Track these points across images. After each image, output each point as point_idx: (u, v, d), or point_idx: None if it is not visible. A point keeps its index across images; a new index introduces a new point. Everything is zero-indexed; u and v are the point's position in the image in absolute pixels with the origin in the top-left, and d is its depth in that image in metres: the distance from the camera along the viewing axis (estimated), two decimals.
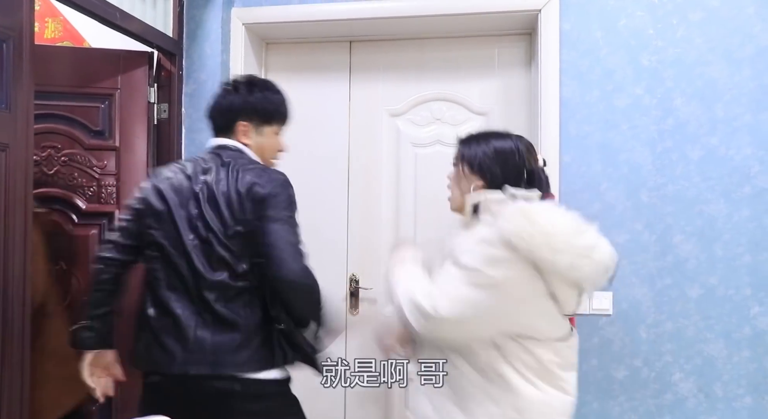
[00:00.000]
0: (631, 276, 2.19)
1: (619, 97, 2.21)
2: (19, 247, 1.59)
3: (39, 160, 2.19)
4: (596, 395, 2.21)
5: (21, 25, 1.59)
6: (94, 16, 1.90)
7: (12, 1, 1.57)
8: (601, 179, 2.21)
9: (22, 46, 1.60)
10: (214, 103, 1.76)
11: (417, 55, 2.59)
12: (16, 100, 1.58)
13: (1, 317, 1.53)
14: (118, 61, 2.27)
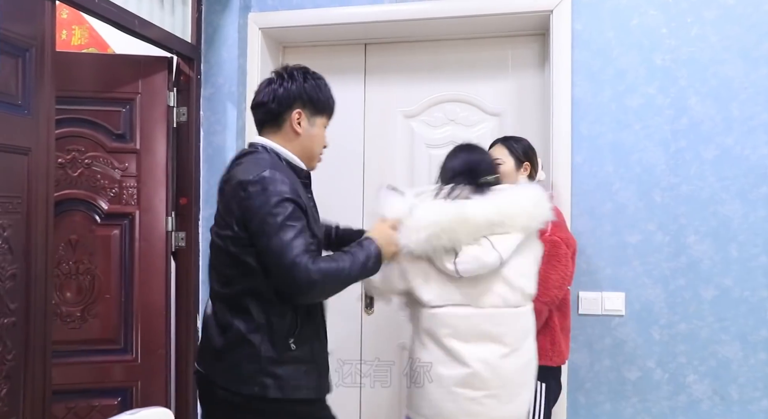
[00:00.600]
0: (643, 276, 2.18)
1: (632, 96, 2.20)
2: (41, 247, 1.67)
3: (64, 162, 2.27)
4: (608, 395, 2.20)
5: (43, 35, 1.67)
6: (114, 24, 1.97)
7: (34, 11, 1.64)
8: (614, 179, 2.21)
9: (44, 55, 1.67)
10: (266, 92, 1.60)
11: (431, 57, 2.61)
12: (37, 106, 1.65)
13: (24, 314, 1.61)
14: (139, 67, 2.34)
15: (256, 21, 2.52)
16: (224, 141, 2.44)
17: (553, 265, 1.82)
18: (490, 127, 2.55)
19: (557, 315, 1.91)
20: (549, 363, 1.86)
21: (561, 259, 1.84)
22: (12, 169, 1.58)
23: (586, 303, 2.21)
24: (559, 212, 1.98)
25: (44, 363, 1.68)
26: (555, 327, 1.89)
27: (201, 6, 2.44)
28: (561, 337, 1.91)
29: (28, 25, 1.63)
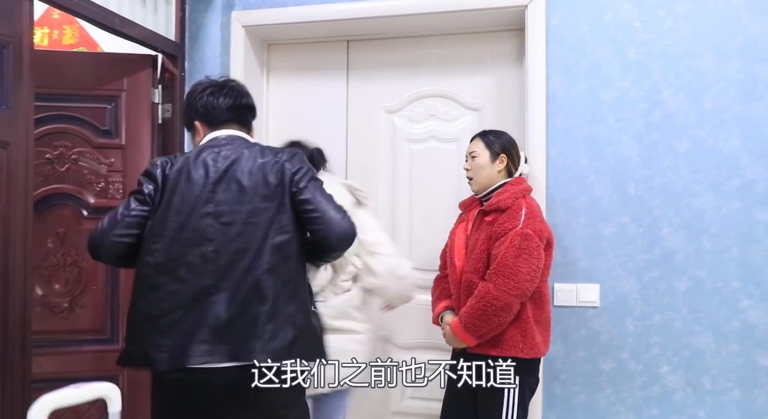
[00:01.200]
0: (618, 268, 2.20)
1: (606, 90, 2.22)
2: (20, 239, 1.73)
3: (52, 157, 2.32)
4: (583, 387, 2.23)
5: (21, 33, 1.73)
6: (94, 23, 2.03)
7: (11, 10, 1.70)
8: (588, 172, 2.23)
9: (22, 52, 1.73)
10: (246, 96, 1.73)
11: (412, 53, 2.64)
12: (16, 101, 1.71)
13: (2, 308, 1.67)
14: (124, 65, 2.40)
15: (239, 19, 2.57)
16: None
17: (524, 259, 1.84)
18: (470, 121, 2.58)
19: (531, 307, 1.92)
20: (520, 354, 1.86)
21: (532, 252, 1.86)
22: None
23: (562, 294, 2.24)
24: (534, 203, 1.99)
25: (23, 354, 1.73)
26: (528, 319, 1.90)
27: (185, 5, 2.49)
28: (535, 330, 1.91)
29: (6, 23, 1.68)
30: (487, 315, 1.85)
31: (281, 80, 2.80)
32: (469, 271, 1.94)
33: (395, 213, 2.63)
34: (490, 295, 1.83)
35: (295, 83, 2.78)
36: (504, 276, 1.83)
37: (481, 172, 2.01)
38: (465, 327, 1.89)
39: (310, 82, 2.75)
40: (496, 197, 1.96)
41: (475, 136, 2.09)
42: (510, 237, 1.85)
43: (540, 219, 1.95)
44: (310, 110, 2.75)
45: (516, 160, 2.05)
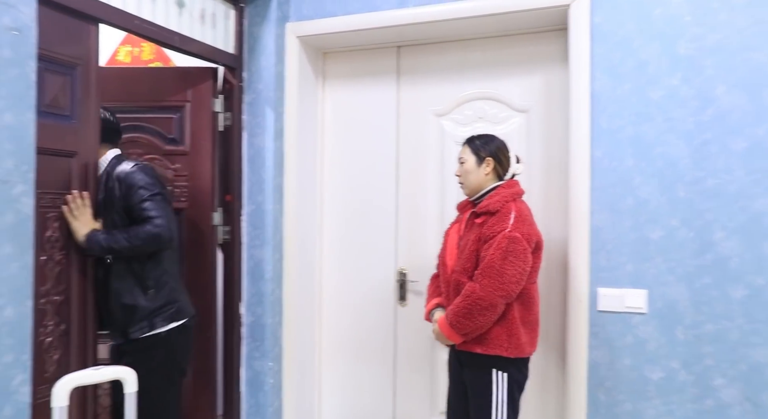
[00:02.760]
0: (666, 274, 2.11)
1: (653, 89, 2.13)
2: None
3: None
4: (629, 395, 2.15)
5: (88, 54, 1.94)
6: (156, 41, 2.23)
7: (80, 35, 1.92)
8: (634, 174, 2.15)
9: (89, 71, 1.95)
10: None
11: (460, 57, 2.67)
12: (83, 114, 1.93)
13: (68, 294, 1.88)
14: (188, 77, 2.60)
15: (293, 30, 2.70)
16: (264, 142, 2.65)
17: (510, 261, 1.88)
18: (518, 123, 2.56)
19: (518, 308, 1.95)
20: (504, 353, 1.92)
21: (519, 255, 1.89)
22: (60, 170, 1.86)
23: (606, 300, 2.18)
24: (523, 207, 2.01)
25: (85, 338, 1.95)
26: (514, 319, 1.94)
27: (243, 19, 2.66)
28: (521, 330, 1.95)
29: (75, 46, 1.90)
30: (472, 314, 1.89)
31: (336, 87, 2.91)
32: (459, 271, 2.00)
33: (444, 215, 2.66)
34: (475, 295, 1.89)
35: (348, 89, 2.88)
36: (490, 277, 1.88)
37: (468, 176, 2.08)
38: (451, 324, 1.94)
39: (363, 88, 2.85)
40: (487, 200, 2.01)
41: (464, 142, 2.14)
42: (498, 239, 1.89)
43: (529, 222, 1.97)
44: (362, 115, 2.84)
45: (505, 163, 2.08)
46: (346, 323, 2.88)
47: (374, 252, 2.81)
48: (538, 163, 2.51)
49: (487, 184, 2.06)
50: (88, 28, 1.94)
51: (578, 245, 2.21)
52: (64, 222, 1.87)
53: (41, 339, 1.77)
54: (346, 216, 2.88)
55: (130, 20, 2.09)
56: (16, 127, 1.49)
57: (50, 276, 1.81)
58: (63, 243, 1.86)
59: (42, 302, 1.77)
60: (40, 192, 1.77)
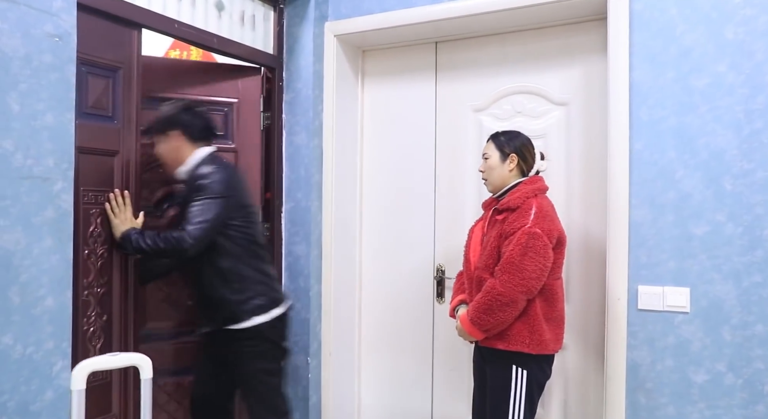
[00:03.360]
0: (711, 271, 2.00)
1: (698, 76, 2.03)
2: None
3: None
4: (672, 398, 2.05)
5: (130, 58, 2.04)
6: (194, 44, 2.31)
7: (122, 40, 2.02)
8: (677, 166, 2.05)
9: (131, 74, 2.04)
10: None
11: (498, 50, 2.62)
12: (124, 116, 2.02)
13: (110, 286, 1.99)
14: (237, 74, 2.64)
15: (332, 29, 2.74)
16: (302, 140, 2.69)
17: (530, 257, 1.85)
18: (557, 116, 2.50)
19: (540, 304, 1.93)
20: (526, 349, 1.90)
21: (539, 251, 1.86)
22: (103, 168, 1.96)
23: (646, 297, 2.09)
24: (545, 202, 1.97)
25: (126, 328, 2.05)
26: (536, 316, 1.91)
27: (282, 20, 2.72)
28: (544, 326, 1.91)
29: (117, 51, 2.00)
30: (493, 310, 1.88)
31: (375, 84, 2.93)
32: (481, 268, 1.98)
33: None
34: (495, 291, 1.87)
35: (387, 86, 2.89)
36: (509, 272, 1.86)
37: (492, 172, 2.06)
38: (472, 320, 1.93)
39: (401, 85, 2.85)
40: (509, 197, 1.99)
41: (489, 138, 2.12)
42: (518, 235, 1.88)
43: (550, 218, 1.93)
44: (401, 112, 2.85)
45: (530, 159, 2.05)
46: (384, 319, 2.89)
47: (412, 249, 2.81)
48: (578, 158, 2.44)
49: (510, 181, 2.04)
50: (130, 33, 2.04)
51: (617, 241, 2.13)
52: (106, 218, 1.97)
53: (84, 329, 1.88)
54: (385, 213, 2.89)
55: (170, 24, 2.18)
56: (57, 127, 1.59)
57: (93, 269, 1.91)
58: (105, 238, 1.97)
59: (85, 294, 1.88)
60: (83, 189, 1.88)
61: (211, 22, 2.40)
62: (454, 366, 2.71)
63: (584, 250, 2.40)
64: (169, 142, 2.17)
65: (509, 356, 1.92)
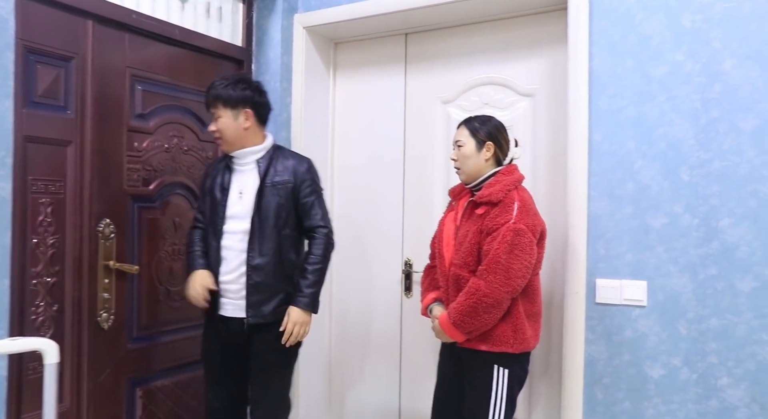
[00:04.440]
0: (668, 264, 1.96)
1: (656, 65, 1.99)
2: (78, 220, 2.03)
3: (169, 147, 2.39)
4: (628, 393, 2.02)
5: (84, 48, 2.04)
6: (154, 36, 2.30)
7: (76, 29, 2.02)
8: (635, 157, 2.02)
9: (85, 64, 2.04)
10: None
11: (465, 42, 2.59)
12: (78, 106, 2.02)
13: (62, 273, 1.99)
14: (224, 66, 2.61)
15: (300, 21, 2.73)
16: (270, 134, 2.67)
17: (516, 255, 1.77)
18: (524, 107, 2.46)
19: (522, 301, 1.86)
20: (510, 349, 1.82)
21: (525, 248, 1.79)
22: (54, 158, 1.97)
23: (604, 291, 2.05)
24: (526, 195, 1.90)
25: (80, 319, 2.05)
26: (519, 314, 1.84)
27: (252, 12, 2.71)
28: (526, 324, 1.85)
29: (69, 40, 2.00)
30: (477, 312, 1.80)
31: (346, 77, 2.91)
32: (458, 265, 1.89)
33: None
34: (480, 292, 1.78)
35: (358, 79, 2.88)
36: (495, 273, 1.77)
37: (467, 161, 1.95)
38: (454, 323, 1.84)
39: (372, 77, 2.83)
40: (487, 189, 1.88)
41: (461, 124, 2.01)
42: (502, 232, 1.79)
43: (533, 212, 1.86)
44: (371, 104, 2.83)
45: (505, 147, 1.96)
46: (353, 313, 2.87)
47: (381, 243, 2.79)
48: (544, 149, 2.40)
49: (486, 170, 1.94)
50: (83, 22, 2.04)
51: (576, 234, 2.10)
52: (57, 207, 1.97)
53: (33, 318, 1.88)
54: (355, 207, 2.87)
55: (127, 15, 2.18)
56: None
57: (42, 259, 1.91)
58: (56, 227, 1.97)
59: (33, 283, 1.88)
60: (31, 178, 1.88)
61: (174, 13, 2.40)
62: (421, 361, 2.69)
63: (550, 244, 2.33)
64: (238, 118, 2.08)
65: (492, 357, 1.85)
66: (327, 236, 2.12)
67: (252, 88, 2.12)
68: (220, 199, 2.09)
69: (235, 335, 2.08)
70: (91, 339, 2.08)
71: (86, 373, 2.07)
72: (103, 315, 2.13)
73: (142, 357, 2.29)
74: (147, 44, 2.29)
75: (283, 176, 2.10)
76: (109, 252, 2.15)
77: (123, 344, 2.21)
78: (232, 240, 2.07)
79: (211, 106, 2.10)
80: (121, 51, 2.19)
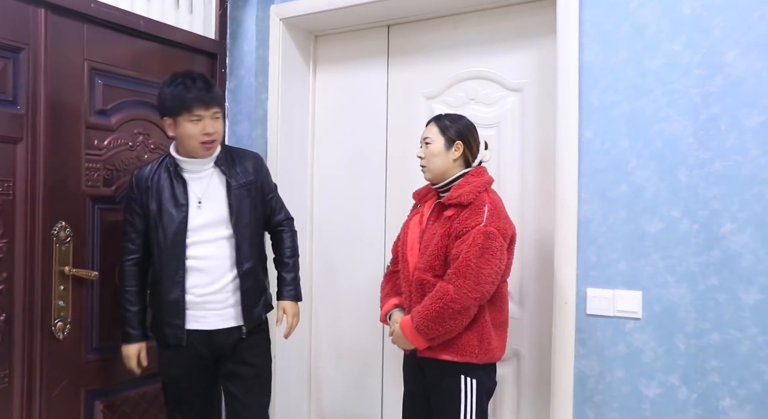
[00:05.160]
0: (665, 273, 1.80)
1: (652, 56, 1.83)
2: (30, 223, 1.89)
3: (133, 145, 2.23)
4: (622, 413, 1.86)
5: (36, 39, 1.90)
6: (116, 26, 2.14)
7: (26, 18, 1.87)
8: (630, 156, 1.86)
9: (37, 56, 1.90)
10: None
11: (450, 33, 2.44)
12: (29, 101, 1.88)
13: (12, 281, 1.85)
14: (196, 60, 2.46)
15: (277, 12, 2.58)
16: (244, 130, 2.54)
17: (486, 259, 1.65)
18: (512, 103, 2.31)
19: (489, 309, 1.74)
20: (474, 360, 1.71)
21: (495, 253, 1.66)
22: (3, 156, 1.83)
23: (596, 301, 1.90)
24: (497, 198, 1.78)
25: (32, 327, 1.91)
26: (485, 323, 1.72)
27: (225, 3, 2.57)
28: (492, 334, 1.73)
29: (20, 30, 1.86)
30: (443, 318, 1.67)
31: (327, 71, 2.77)
32: (423, 269, 1.77)
33: None
34: (448, 296, 1.66)
35: (339, 73, 2.73)
36: (465, 277, 1.65)
37: (435, 160, 1.84)
38: (417, 327, 1.72)
39: (353, 72, 2.68)
40: (456, 190, 1.77)
41: (430, 120, 1.90)
42: (473, 235, 1.67)
43: (504, 215, 1.74)
44: (352, 100, 2.69)
45: (474, 148, 1.85)
46: (334, 321, 2.72)
47: (363, 245, 2.64)
48: (532, 148, 2.24)
49: (453, 171, 1.84)
50: (34, 11, 1.90)
51: (565, 239, 1.94)
52: (6, 209, 1.83)
53: None
54: (336, 209, 2.73)
55: (84, 4, 2.03)
56: None
57: None
58: (5, 231, 1.83)
59: None
60: None
61: (139, 4, 2.25)
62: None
63: (538, 249, 2.21)
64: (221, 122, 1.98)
65: (456, 367, 1.73)
66: (293, 226, 2.17)
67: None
68: (177, 214, 1.90)
69: (219, 348, 1.95)
70: (44, 350, 1.94)
71: (39, 386, 1.93)
72: (58, 324, 1.98)
73: (103, 367, 2.14)
74: (108, 36, 2.14)
75: (248, 176, 2.00)
76: (65, 257, 2.00)
77: (81, 354, 2.07)
78: (210, 250, 1.92)
79: (213, 105, 1.90)
80: (78, 42, 2.04)
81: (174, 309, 1.90)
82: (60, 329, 1.99)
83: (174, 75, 1.92)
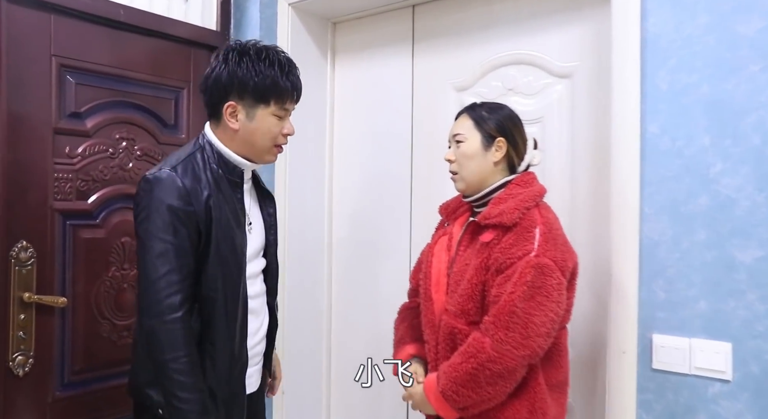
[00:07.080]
0: (765, 319, 1.30)
1: (745, 20, 1.33)
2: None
3: (114, 152, 1.99)
4: None
5: None
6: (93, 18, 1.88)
7: None
8: (713, 158, 1.37)
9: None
10: (204, 77, 1.42)
11: (484, 11, 2.01)
12: None
13: None
14: (191, 53, 2.18)
15: None
16: None
17: (538, 303, 1.21)
18: (558, 92, 1.85)
19: (543, 367, 1.28)
20: None
21: (552, 293, 1.21)
22: None
23: (665, 353, 1.42)
24: (551, 216, 1.33)
25: None
26: (538, 387, 1.26)
27: None
28: (548, 399, 1.27)
29: None
30: (478, 383, 1.23)
31: (347, 61, 2.41)
32: (453, 313, 1.33)
33: None
34: (485, 354, 1.23)
35: (359, 63, 2.37)
36: (508, 328, 1.22)
37: (469, 164, 1.39)
38: (443, 392, 1.28)
39: (374, 61, 2.32)
40: (496, 206, 1.33)
41: (462, 111, 1.45)
42: (519, 270, 1.23)
43: (561, 240, 1.28)
44: (373, 92, 2.33)
45: (521, 146, 1.40)
46: (356, 346, 2.36)
47: (387, 243, 2.27)
48: (583, 147, 1.78)
49: (494, 179, 1.40)
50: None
51: (623, 268, 1.48)
52: None
53: None
54: (357, 220, 2.37)
55: None
56: None
57: None
58: None
59: None
60: None
61: None
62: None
63: (593, 278, 1.73)
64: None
65: None
66: None
67: None
68: (239, 237, 1.40)
69: (251, 415, 1.53)
70: (0, 389, 1.70)
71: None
72: (18, 359, 1.73)
73: (75, 406, 1.87)
74: (82, 28, 1.87)
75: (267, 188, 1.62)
76: (27, 282, 1.75)
77: (48, 392, 1.80)
78: (255, 288, 1.49)
79: (297, 100, 1.47)
80: (43, 36, 1.79)
81: (238, 367, 1.41)
82: (20, 364, 1.73)
83: (256, 48, 1.42)
